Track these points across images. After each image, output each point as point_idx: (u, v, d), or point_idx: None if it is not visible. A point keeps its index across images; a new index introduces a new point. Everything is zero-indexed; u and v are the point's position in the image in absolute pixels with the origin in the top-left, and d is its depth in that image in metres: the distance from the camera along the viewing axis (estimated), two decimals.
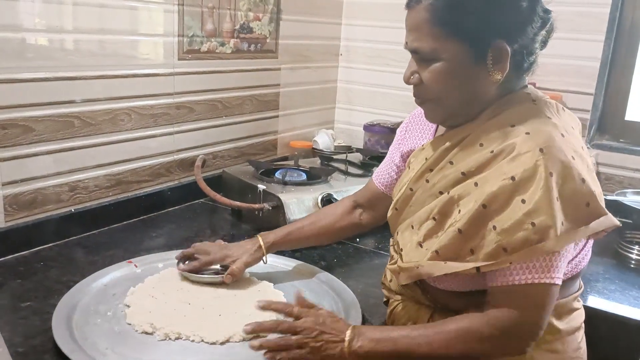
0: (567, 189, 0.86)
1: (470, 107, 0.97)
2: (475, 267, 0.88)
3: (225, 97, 1.81)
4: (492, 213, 0.87)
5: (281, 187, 1.53)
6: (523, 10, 0.91)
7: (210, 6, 1.69)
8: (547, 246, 0.85)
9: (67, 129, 1.37)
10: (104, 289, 1.14)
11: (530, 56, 0.95)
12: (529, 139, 0.88)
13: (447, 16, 0.90)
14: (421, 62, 0.95)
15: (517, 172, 0.86)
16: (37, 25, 1.28)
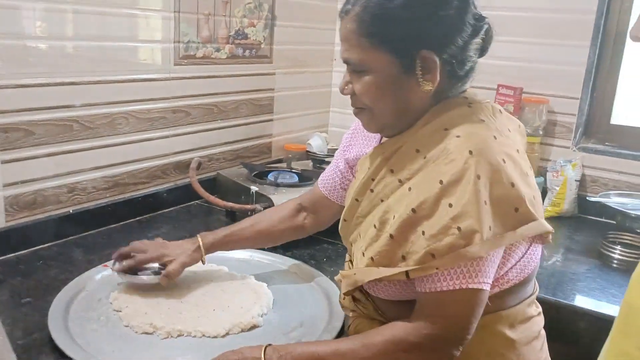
0: (495, 192, 0.85)
1: (404, 117, 0.96)
2: (405, 273, 0.86)
3: (221, 101, 1.86)
4: (421, 218, 0.86)
5: (273, 188, 1.58)
6: (450, 20, 0.91)
7: (206, 13, 1.74)
8: (472, 251, 0.82)
9: (66, 132, 1.42)
10: (87, 295, 1.17)
11: (464, 65, 0.94)
12: (460, 142, 0.87)
13: (373, 27, 0.90)
14: (353, 73, 0.95)
15: (445, 175, 0.85)
16: (38, 32, 1.33)
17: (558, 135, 2.00)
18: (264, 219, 1.27)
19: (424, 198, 0.86)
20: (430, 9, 0.89)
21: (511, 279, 0.94)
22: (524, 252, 0.94)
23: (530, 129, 1.96)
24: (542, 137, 1.98)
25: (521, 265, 0.95)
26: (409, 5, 0.89)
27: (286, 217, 1.26)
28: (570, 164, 1.93)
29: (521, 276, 0.95)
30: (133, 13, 1.53)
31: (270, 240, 1.30)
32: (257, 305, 1.15)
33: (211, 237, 1.22)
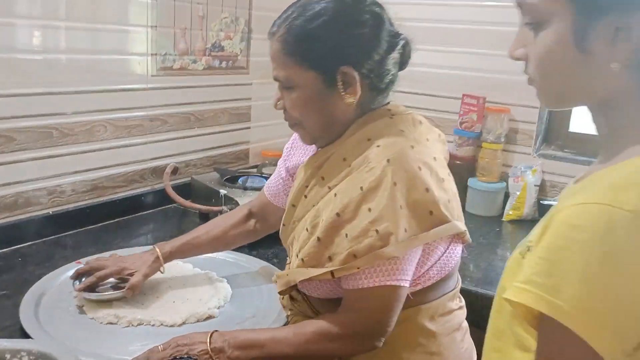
0: (411, 197, 0.93)
1: (332, 128, 1.04)
2: (330, 273, 0.94)
3: (198, 110, 1.97)
4: (344, 222, 0.94)
5: (241, 191, 1.68)
6: (366, 38, 1.00)
7: (182, 27, 1.85)
8: (388, 251, 0.91)
9: (46, 138, 1.53)
10: (59, 288, 1.26)
11: (382, 78, 1.03)
12: (379, 151, 0.96)
13: (296, 47, 0.99)
14: (283, 89, 1.04)
15: (365, 182, 0.93)
16: (20, 45, 1.44)
17: (519, 142, 2.10)
18: (217, 226, 1.33)
19: (346, 202, 0.94)
20: (347, 28, 1.00)
21: (432, 276, 1.03)
22: (444, 252, 1.03)
23: (492, 136, 2.06)
24: (504, 144, 2.08)
25: (441, 264, 1.03)
26: (327, 27, 0.99)
27: (237, 223, 1.34)
28: (531, 170, 2.02)
29: (442, 273, 1.04)
30: (112, 28, 1.64)
31: (224, 245, 1.37)
32: (215, 298, 1.25)
33: (168, 246, 1.28)
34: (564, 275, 0.60)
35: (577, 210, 0.61)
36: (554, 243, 0.61)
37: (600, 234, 0.58)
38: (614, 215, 0.59)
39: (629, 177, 0.62)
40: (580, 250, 0.59)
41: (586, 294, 0.58)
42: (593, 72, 0.66)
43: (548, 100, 0.74)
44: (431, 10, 2.16)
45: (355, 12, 1.01)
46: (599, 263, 0.58)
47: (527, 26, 0.70)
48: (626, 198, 0.59)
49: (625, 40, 0.63)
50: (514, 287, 0.64)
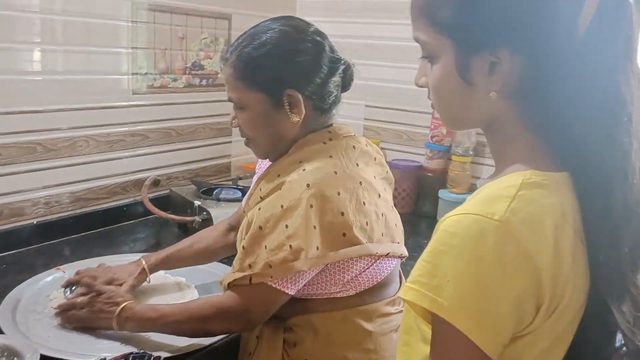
0: (325, 219, 1.04)
1: (279, 145, 1.16)
2: (249, 277, 1.05)
3: (179, 125, 2.07)
4: (265, 234, 1.04)
5: (214, 203, 1.78)
6: (307, 64, 1.12)
7: (162, 48, 1.96)
8: (297, 265, 1.02)
9: (30, 153, 1.64)
10: (38, 292, 1.35)
11: (325, 99, 1.15)
12: (304, 174, 1.06)
13: (244, 72, 1.12)
14: (237, 109, 1.17)
15: (286, 201, 1.04)
16: (6, 67, 1.55)
17: (487, 155, 2.19)
18: (200, 240, 1.42)
19: (268, 217, 1.05)
20: (290, 56, 1.11)
21: (362, 283, 1.13)
22: (369, 265, 1.12)
23: (461, 149, 2.16)
24: (473, 157, 2.18)
25: (370, 273, 1.13)
26: (272, 54, 1.11)
27: (219, 236, 1.43)
28: None
29: (373, 282, 1.14)
30: (94, 50, 1.75)
31: (207, 258, 1.45)
32: (181, 300, 1.35)
33: (154, 258, 1.37)
34: (443, 276, 0.67)
35: (455, 219, 0.69)
36: (437, 248, 0.69)
37: (471, 241, 0.66)
38: (484, 224, 0.67)
39: (501, 190, 0.70)
40: (455, 254, 0.67)
41: (462, 293, 0.66)
42: (477, 100, 0.75)
43: (446, 123, 0.84)
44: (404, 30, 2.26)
45: (298, 41, 1.12)
46: (470, 266, 0.66)
47: (423, 59, 0.79)
48: (495, 209, 0.67)
49: (498, 72, 0.72)
50: (405, 286, 0.72)
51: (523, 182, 0.70)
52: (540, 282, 0.67)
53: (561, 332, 0.72)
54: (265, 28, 1.14)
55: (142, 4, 1.86)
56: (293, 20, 1.18)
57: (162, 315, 1.12)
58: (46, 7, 1.61)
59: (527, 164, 0.73)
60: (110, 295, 1.18)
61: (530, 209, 0.68)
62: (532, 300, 0.68)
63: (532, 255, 0.66)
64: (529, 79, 0.73)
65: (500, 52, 0.71)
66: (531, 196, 0.69)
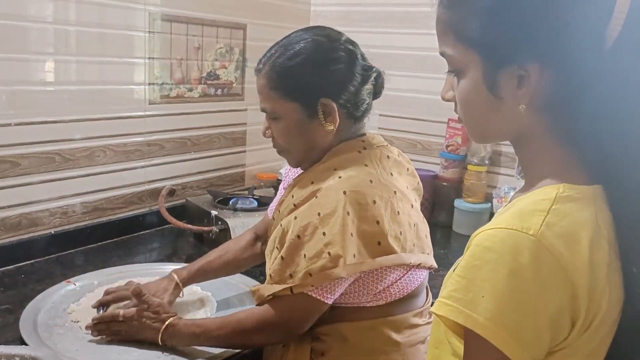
0: (362, 227, 1.04)
1: (313, 154, 1.17)
2: (290, 289, 1.05)
3: (194, 135, 2.08)
4: (303, 243, 1.04)
5: (231, 212, 1.78)
6: (341, 72, 1.13)
7: (178, 58, 1.96)
8: (336, 272, 1.02)
9: (49, 164, 1.64)
10: (53, 306, 1.34)
11: (359, 107, 1.16)
12: (340, 182, 1.06)
13: (278, 82, 1.13)
14: (270, 119, 1.17)
15: (322, 209, 1.04)
16: (24, 78, 1.56)
17: (503, 164, 2.18)
18: (228, 251, 1.41)
19: (305, 225, 1.05)
20: (324, 65, 1.12)
21: (394, 294, 1.13)
22: (402, 275, 1.12)
23: (477, 158, 2.15)
24: (489, 166, 2.17)
25: (402, 284, 1.13)
26: (306, 64, 1.12)
27: (246, 246, 1.42)
28: (514, 191, 2.10)
29: (403, 292, 1.14)
30: (111, 60, 1.76)
31: (236, 268, 1.44)
32: (202, 310, 1.35)
33: (185, 272, 1.36)
34: (478, 291, 0.67)
35: (489, 233, 0.69)
36: (471, 263, 0.69)
37: (507, 255, 0.66)
38: (519, 239, 0.66)
39: (535, 204, 0.70)
40: (490, 269, 0.66)
41: (496, 308, 0.66)
42: (506, 113, 0.75)
43: (474, 137, 0.82)
44: (418, 40, 2.27)
45: (331, 50, 1.13)
46: (505, 281, 0.65)
47: (450, 73, 0.79)
48: (530, 223, 0.67)
49: (527, 85, 0.72)
50: (438, 302, 0.71)
51: (557, 196, 0.70)
52: (576, 297, 0.66)
53: (595, 347, 0.71)
54: (298, 38, 1.15)
55: (158, 15, 1.87)
56: (325, 29, 1.18)
57: (205, 330, 1.12)
58: (63, 18, 1.62)
59: (559, 177, 0.73)
60: (157, 310, 1.17)
61: (565, 223, 0.68)
62: (568, 315, 0.67)
63: (568, 269, 0.66)
64: (558, 92, 0.72)
65: (528, 66, 0.71)
66: (565, 210, 0.69)
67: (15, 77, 1.54)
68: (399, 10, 2.31)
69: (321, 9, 2.50)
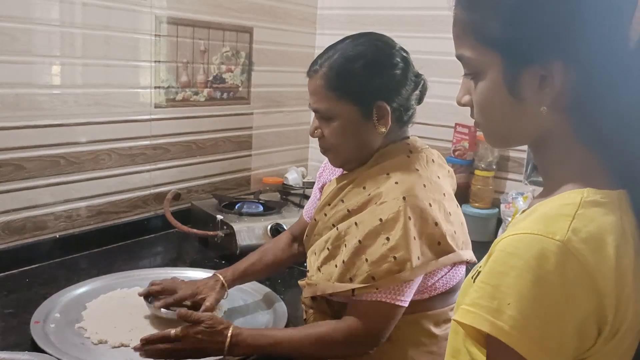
0: (423, 230, 1.08)
1: (361, 154, 1.20)
2: (351, 290, 1.09)
3: (200, 139, 2.07)
4: (365, 247, 1.08)
5: (237, 217, 1.77)
6: (397, 76, 1.17)
7: (184, 62, 1.96)
8: (404, 276, 1.06)
9: (54, 167, 1.63)
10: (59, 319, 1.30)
11: (407, 111, 1.21)
12: (396, 187, 1.10)
13: (337, 83, 1.15)
14: (321, 119, 1.19)
15: (384, 214, 1.08)
16: (29, 81, 1.55)
17: (510, 169, 2.16)
18: (268, 252, 1.44)
19: (367, 231, 1.08)
20: (382, 69, 1.16)
21: (438, 288, 1.17)
22: (447, 271, 1.17)
23: (484, 163, 2.13)
24: (496, 172, 2.15)
25: (446, 279, 1.18)
26: (366, 66, 1.15)
27: (285, 247, 1.45)
28: (522, 197, 2.08)
29: (446, 287, 1.19)
30: (117, 63, 1.75)
31: (275, 269, 1.47)
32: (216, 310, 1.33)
33: (230, 273, 1.37)
34: (503, 298, 0.65)
35: (514, 239, 0.67)
36: (495, 269, 0.67)
37: (532, 261, 0.64)
38: (545, 244, 0.64)
39: (560, 209, 0.68)
40: (516, 276, 0.64)
41: (522, 315, 0.64)
42: (527, 115, 0.73)
43: (493, 141, 0.80)
44: (425, 43, 2.25)
45: (389, 55, 1.17)
46: (531, 287, 0.64)
47: (467, 76, 0.77)
48: (555, 228, 0.65)
49: (549, 86, 0.70)
50: (461, 309, 0.69)
51: (582, 200, 0.68)
52: (603, 304, 0.65)
53: (621, 356, 0.69)
54: (355, 42, 1.18)
55: (164, 18, 1.86)
56: (382, 36, 1.22)
57: (273, 342, 1.11)
58: (69, 21, 1.62)
59: (582, 181, 0.71)
60: (210, 324, 1.10)
61: (590, 229, 0.66)
62: (594, 322, 0.65)
63: (595, 276, 0.64)
64: (582, 92, 0.70)
65: (551, 65, 0.69)
66: (591, 215, 0.67)
67: (21, 79, 1.54)
68: (406, 14, 2.30)
69: (328, 13, 2.49)
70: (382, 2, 2.35)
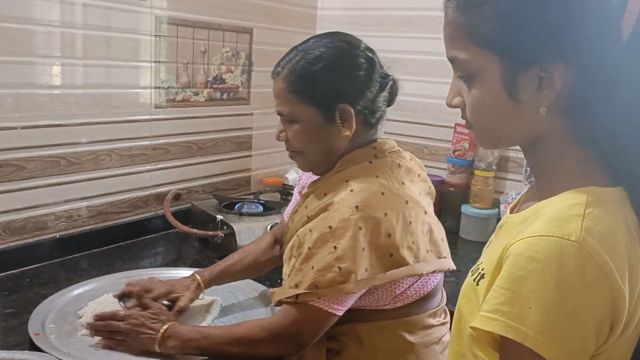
0: (373, 241, 1.04)
1: (328, 158, 1.17)
2: (295, 296, 1.06)
3: (200, 139, 2.07)
4: (313, 255, 1.06)
5: (237, 217, 1.77)
6: (361, 78, 1.14)
7: (184, 62, 1.96)
8: (347, 287, 1.02)
9: (54, 167, 1.63)
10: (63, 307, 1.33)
11: (374, 114, 1.17)
12: (351, 195, 1.07)
13: (298, 86, 1.13)
14: (286, 123, 1.17)
15: (334, 222, 1.05)
16: (30, 81, 1.55)
17: (510, 170, 2.17)
18: (249, 254, 1.42)
19: (316, 238, 1.06)
20: (345, 70, 1.13)
21: (410, 295, 1.13)
22: (415, 280, 1.13)
23: (484, 164, 2.13)
24: (496, 172, 2.15)
25: (417, 287, 1.14)
26: (328, 68, 1.12)
27: (266, 249, 1.43)
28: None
29: (420, 294, 1.15)
30: (117, 64, 1.76)
31: (256, 271, 1.46)
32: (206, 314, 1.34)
33: (207, 273, 1.37)
34: (525, 303, 0.64)
35: (530, 242, 0.66)
36: (514, 274, 0.66)
37: (553, 264, 0.64)
38: (563, 246, 0.64)
39: (568, 209, 0.68)
40: (536, 279, 0.64)
41: (546, 319, 0.63)
42: (524, 116, 0.73)
43: (485, 143, 0.80)
44: (425, 44, 2.26)
45: (352, 56, 1.14)
46: (553, 290, 0.63)
47: (460, 78, 0.76)
48: (570, 230, 0.65)
49: (549, 87, 0.70)
50: (482, 317, 0.68)
51: (588, 199, 0.68)
52: (617, 301, 0.65)
53: (627, 351, 0.70)
54: (318, 44, 1.15)
55: (164, 18, 1.86)
56: (346, 36, 1.19)
57: (206, 336, 1.11)
58: (69, 21, 1.62)
59: (583, 180, 0.71)
60: (156, 312, 1.16)
61: (601, 227, 0.66)
62: (609, 319, 0.66)
63: (610, 274, 0.64)
64: (580, 92, 0.70)
65: (552, 67, 0.69)
66: (599, 214, 0.67)
67: (21, 80, 1.54)
68: (406, 15, 2.30)
69: (327, 13, 2.50)
70: (382, 3, 2.35)
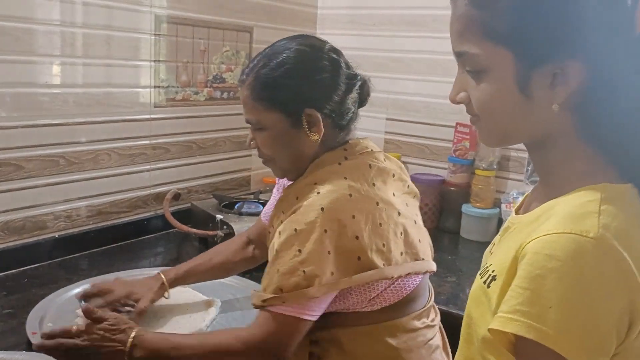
0: (339, 244, 1.01)
1: (299, 163, 1.14)
2: (262, 300, 1.03)
3: (200, 138, 2.06)
4: (279, 258, 1.03)
5: (236, 217, 1.76)
6: (325, 82, 1.11)
7: (184, 61, 1.95)
8: (311, 292, 0.99)
9: (53, 167, 1.63)
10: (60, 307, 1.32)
11: (344, 115, 1.14)
12: (318, 198, 1.04)
13: (262, 93, 1.10)
14: (254, 130, 1.14)
15: (299, 225, 1.02)
16: (29, 80, 1.55)
17: (512, 169, 2.16)
18: (218, 254, 1.40)
19: (282, 241, 1.03)
20: (308, 75, 1.10)
21: (387, 298, 1.09)
22: (389, 284, 1.09)
23: (485, 163, 2.13)
24: (497, 171, 2.14)
25: (394, 289, 1.09)
26: (290, 74, 1.09)
27: (237, 250, 1.41)
28: (523, 196, 2.07)
29: (397, 297, 1.10)
30: (116, 63, 1.75)
31: (225, 272, 1.44)
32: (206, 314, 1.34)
33: (173, 273, 1.35)
34: (545, 303, 0.63)
35: (547, 240, 0.65)
36: (533, 272, 0.65)
37: (571, 262, 0.63)
38: (581, 243, 0.63)
39: (583, 206, 0.67)
40: (555, 278, 0.63)
41: (566, 319, 0.62)
42: (535, 113, 0.71)
43: (491, 139, 0.78)
44: (427, 43, 2.25)
45: (315, 59, 1.11)
46: (574, 288, 0.62)
47: (467, 73, 0.75)
48: (587, 226, 0.64)
49: (562, 83, 0.69)
50: (501, 318, 0.67)
51: (602, 196, 0.67)
52: (634, 299, 0.64)
53: None
54: (282, 48, 1.13)
55: (164, 17, 1.86)
56: (309, 39, 1.16)
57: (176, 347, 1.06)
58: (69, 21, 1.61)
59: (595, 177, 0.70)
60: (114, 322, 1.07)
61: (617, 224, 0.65)
62: (627, 318, 0.65)
63: (628, 270, 0.64)
64: (593, 90, 0.69)
65: (567, 63, 0.68)
66: (614, 210, 0.66)
67: (21, 79, 1.53)
68: (407, 14, 2.29)
69: (328, 12, 2.49)
70: (382, 2, 2.35)
